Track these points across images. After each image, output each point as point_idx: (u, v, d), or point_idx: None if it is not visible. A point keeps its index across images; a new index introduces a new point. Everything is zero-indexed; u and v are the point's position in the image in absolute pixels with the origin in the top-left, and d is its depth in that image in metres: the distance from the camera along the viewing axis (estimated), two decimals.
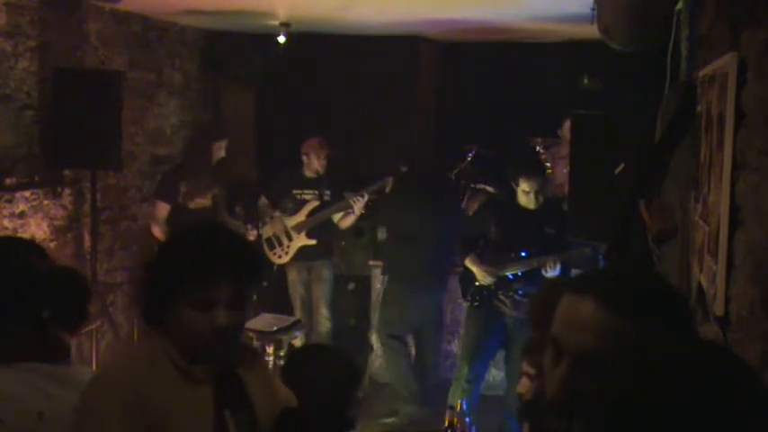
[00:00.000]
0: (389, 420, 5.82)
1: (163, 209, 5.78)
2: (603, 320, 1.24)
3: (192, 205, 5.81)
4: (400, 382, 5.90)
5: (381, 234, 6.72)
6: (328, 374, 2.56)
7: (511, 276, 5.26)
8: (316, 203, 6.20)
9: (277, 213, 6.25)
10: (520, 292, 5.22)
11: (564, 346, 1.27)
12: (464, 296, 5.48)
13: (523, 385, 2.30)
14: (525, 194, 5.18)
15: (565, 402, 1.24)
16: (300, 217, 6.20)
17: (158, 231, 5.74)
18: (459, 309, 6.20)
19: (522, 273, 5.22)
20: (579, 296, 1.28)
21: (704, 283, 2.25)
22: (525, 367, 2.32)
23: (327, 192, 6.21)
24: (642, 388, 1.20)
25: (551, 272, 5.04)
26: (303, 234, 6.19)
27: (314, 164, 6.20)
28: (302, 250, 6.21)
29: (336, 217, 6.28)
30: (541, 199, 5.21)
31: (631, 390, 1.20)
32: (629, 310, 1.24)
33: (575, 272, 5.09)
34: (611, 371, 1.21)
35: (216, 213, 5.95)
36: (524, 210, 5.22)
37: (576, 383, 1.24)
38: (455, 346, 6.28)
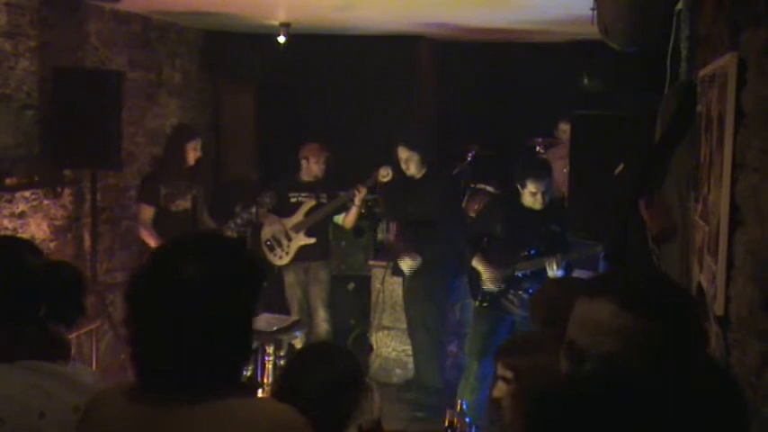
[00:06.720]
0: (420, 415, 5.75)
1: (147, 211, 5.77)
2: (625, 322, 1.25)
3: (173, 208, 5.80)
4: (428, 378, 5.86)
5: (381, 234, 6.71)
6: (331, 375, 2.52)
7: (520, 275, 5.29)
8: (312, 203, 6.21)
9: (274, 215, 6.23)
10: (529, 290, 5.24)
11: (585, 349, 1.27)
12: (474, 296, 5.49)
13: (500, 389, 2.21)
14: (532, 195, 5.19)
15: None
16: (298, 217, 6.20)
17: (146, 235, 5.73)
18: (457, 309, 6.19)
19: (531, 271, 5.24)
20: (595, 299, 1.29)
21: (704, 283, 2.25)
22: (501, 370, 2.25)
23: (324, 195, 6.20)
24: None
25: (556, 271, 5.05)
26: (302, 233, 6.19)
27: (312, 168, 6.19)
28: (301, 250, 6.22)
29: (339, 218, 6.28)
30: (547, 199, 5.24)
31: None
32: (647, 310, 1.25)
33: (577, 271, 5.10)
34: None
35: (196, 215, 5.93)
36: (530, 209, 5.24)
37: None
38: (455, 347, 6.27)
